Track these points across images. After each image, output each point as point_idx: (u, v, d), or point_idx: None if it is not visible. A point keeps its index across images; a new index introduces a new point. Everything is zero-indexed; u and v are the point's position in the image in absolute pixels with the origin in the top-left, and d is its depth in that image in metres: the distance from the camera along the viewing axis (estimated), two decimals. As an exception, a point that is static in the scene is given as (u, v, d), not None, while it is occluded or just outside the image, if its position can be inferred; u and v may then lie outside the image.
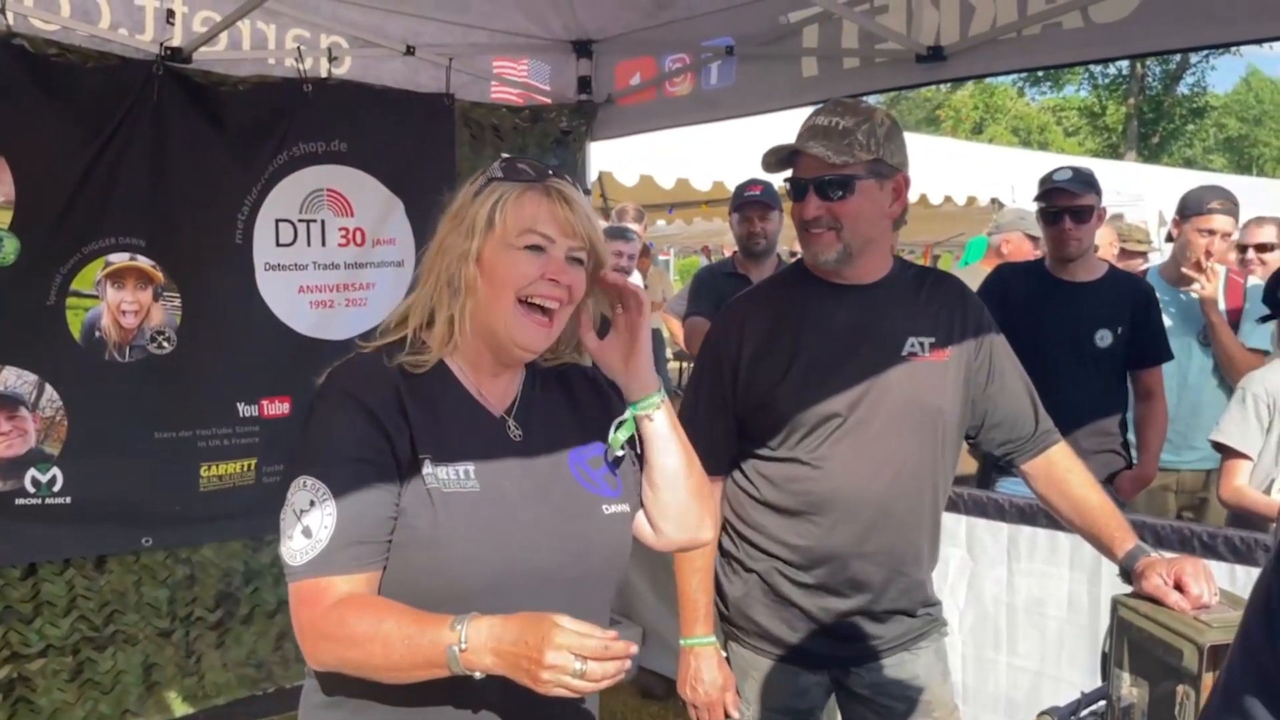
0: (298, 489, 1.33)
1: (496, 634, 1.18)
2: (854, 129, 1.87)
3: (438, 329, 1.44)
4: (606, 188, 7.69)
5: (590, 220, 1.45)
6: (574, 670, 1.13)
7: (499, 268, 1.40)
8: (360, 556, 1.32)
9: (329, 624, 1.28)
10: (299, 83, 3.38)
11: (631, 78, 3.99)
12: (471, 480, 1.39)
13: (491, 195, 1.42)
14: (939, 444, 2.00)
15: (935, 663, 2.09)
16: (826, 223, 1.90)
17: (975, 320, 2.04)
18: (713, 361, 2.04)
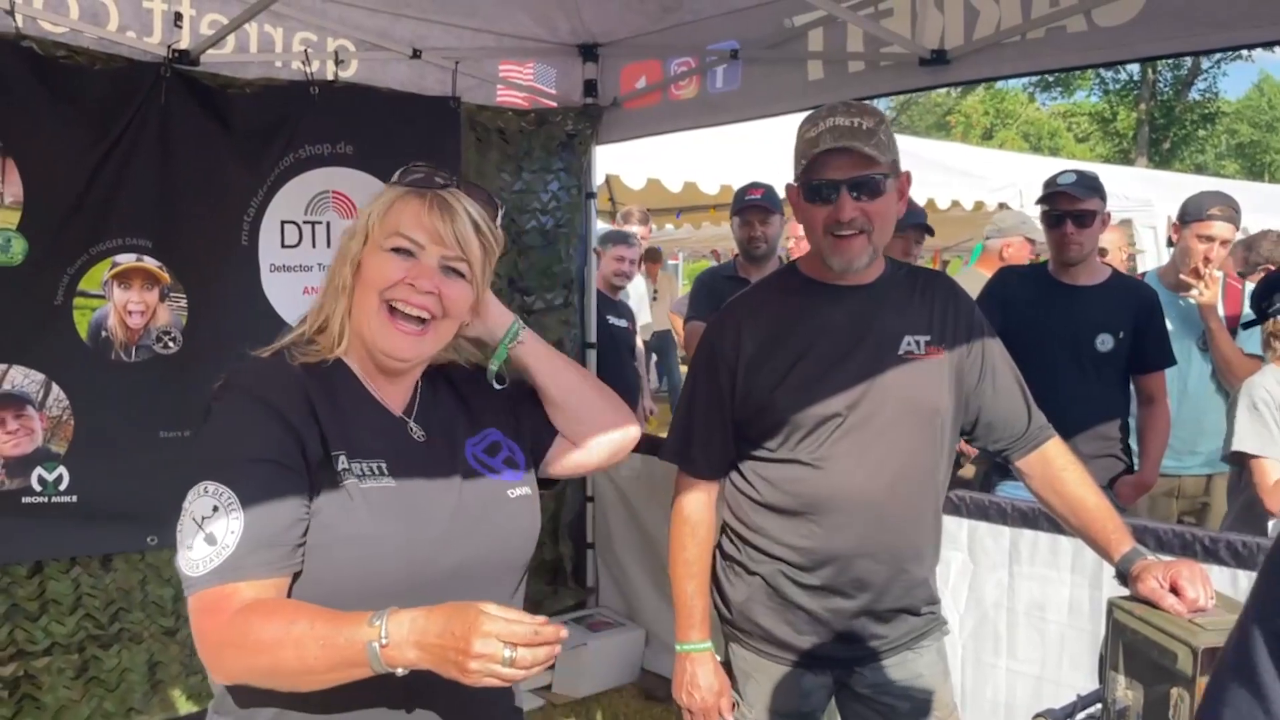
0: (198, 495, 1.26)
1: (420, 627, 1.13)
2: (875, 129, 1.86)
3: (327, 330, 1.42)
4: (614, 191, 7.72)
5: (470, 233, 1.40)
6: (503, 659, 1.09)
7: (367, 269, 1.39)
8: (269, 561, 1.25)
9: (233, 631, 1.20)
10: (305, 85, 3.40)
11: (637, 81, 4.00)
12: (386, 475, 1.36)
13: (379, 200, 1.42)
14: (937, 441, 2.00)
15: (937, 661, 2.09)
16: (860, 225, 1.88)
17: (966, 317, 2.04)
18: (709, 366, 2.03)
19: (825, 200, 1.88)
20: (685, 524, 2.06)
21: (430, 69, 3.76)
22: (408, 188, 1.41)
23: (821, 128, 1.87)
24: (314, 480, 1.31)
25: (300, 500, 1.29)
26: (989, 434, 2.05)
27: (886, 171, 1.88)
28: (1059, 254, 3.48)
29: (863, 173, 1.86)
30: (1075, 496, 1.94)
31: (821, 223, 1.90)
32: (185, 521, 1.26)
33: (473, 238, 1.41)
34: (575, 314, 4.36)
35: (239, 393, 1.34)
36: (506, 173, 4.05)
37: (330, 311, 1.42)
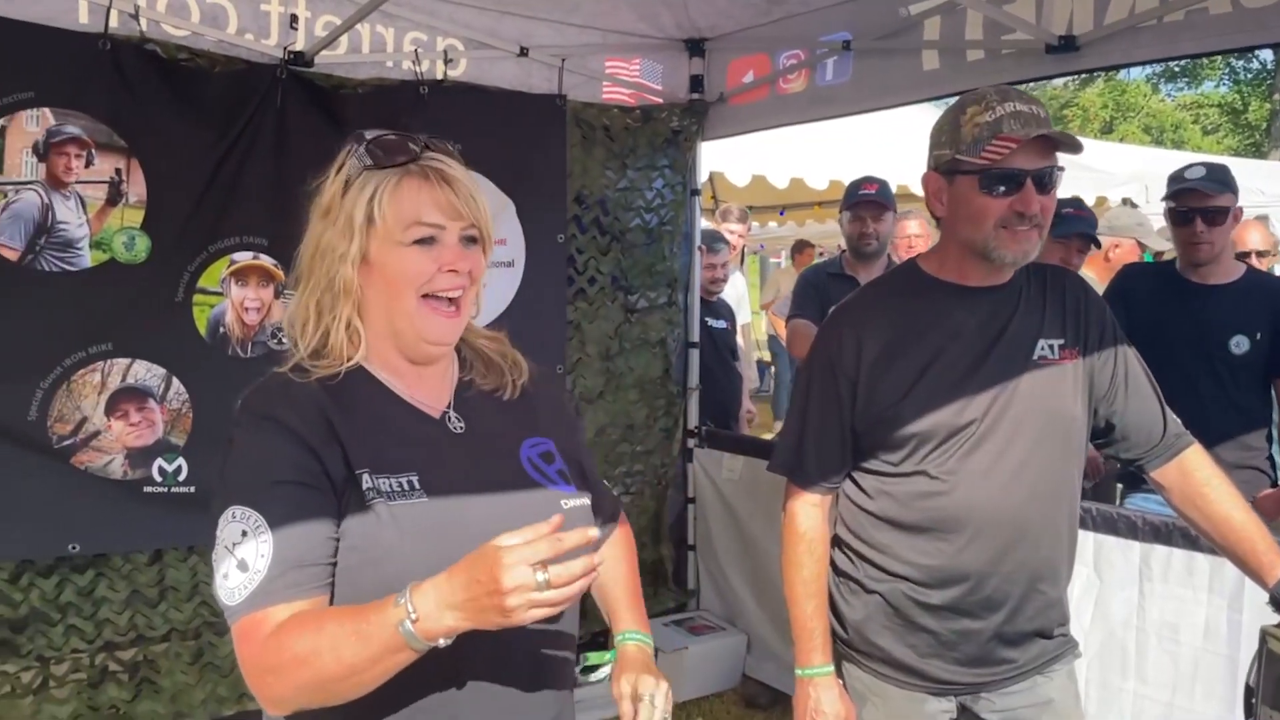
0: (227, 522, 1.23)
1: (444, 589, 1.10)
2: (1049, 118, 1.76)
3: (335, 335, 1.34)
4: (717, 188, 7.63)
5: (475, 196, 1.34)
6: (537, 583, 1.05)
7: (391, 267, 1.31)
8: (300, 582, 1.22)
9: (269, 653, 1.18)
10: (415, 85, 3.44)
11: (744, 75, 3.93)
12: (417, 490, 1.29)
13: (365, 189, 1.32)
14: (1071, 452, 1.87)
15: (1068, 685, 1.96)
16: (1038, 220, 1.76)
17: (1099, 319, 1.90)
18: (825, 373, 1.92)
19: (1003, 192, 1.75)
20: (801, 540, 1.96)
21: (537, 67, 3.76)
22: (395, 167, 1.32)
23: (1001, 112, 1.74)
24: (340, 501, 1.27)
25: (328, 519, 1.26)
26: (1123, 443, 1.91)
27: (1061, 164, 1.76)
28: (1188, 254, 3.25)
29: (1048, 164, 1.74)
30: (1220, 512, 1.79)
31: (997, 214, 1.76)
32: (218, 549, 1.23)
33: (479, 200, 1.35)
34: (679, 313, 4.31)
35: (254, 416, 1.30)
36: (611, 170, 4.03)
37: (331, 319, 1.34)
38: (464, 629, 1.11)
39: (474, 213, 1.34)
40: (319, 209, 1.36)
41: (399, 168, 1.32)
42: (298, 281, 1.38)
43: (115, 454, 3.02)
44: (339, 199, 1.34)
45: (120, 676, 3.14)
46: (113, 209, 2.97)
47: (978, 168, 1.75)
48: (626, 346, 4.17)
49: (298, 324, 1.37)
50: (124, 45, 2.92)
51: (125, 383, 3.03)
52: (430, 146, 1.35)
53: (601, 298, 4.07)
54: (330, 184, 1.36)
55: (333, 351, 1.34)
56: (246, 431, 1.29)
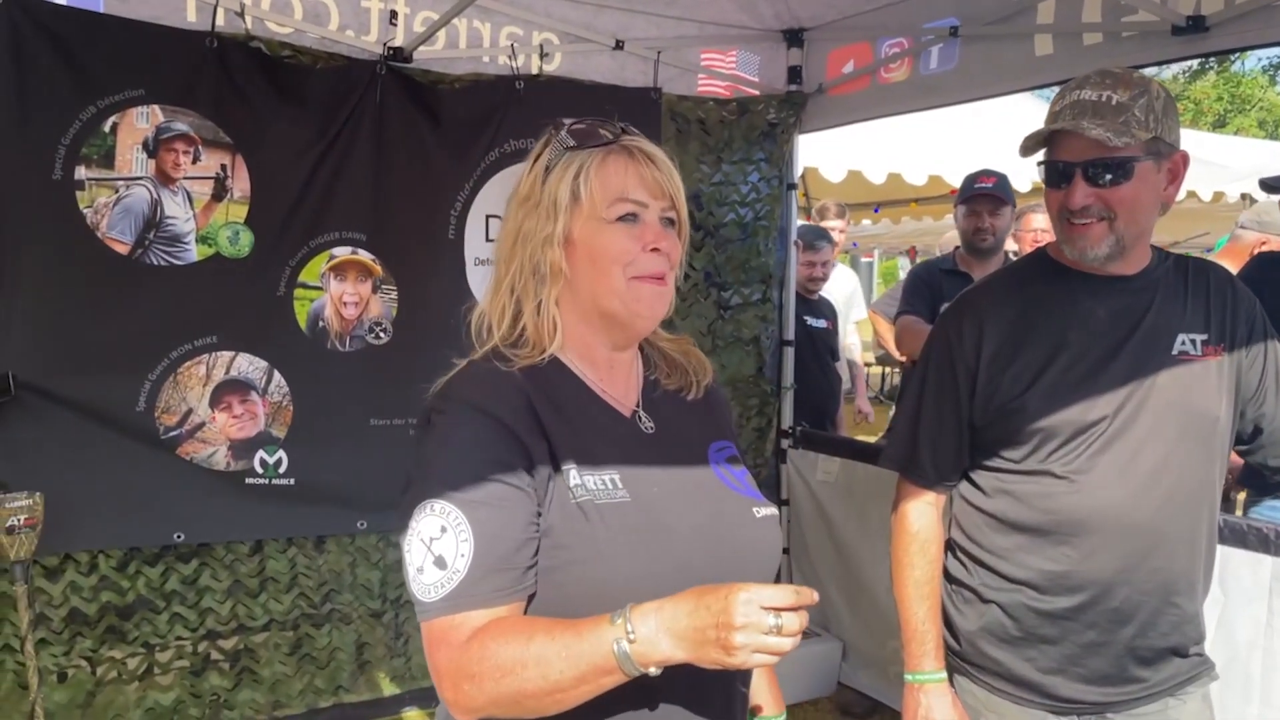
0: (425, 514, 1.18)
1: (668, 614, 1.05)
2: (1130, 104, 1.64)
3: (535, 323, 1.31)
4: (810, 185, 7.49)
5: (674, 176, 1.32)
6: (769, 626, 1.01)
7: (597, 246, 1.29)
8: (502, 586, 1.17)
9: (469, 660, 1.13)
10: (511, 80, 3.43)
11: (845, 65, 3.82)
12: (620, 490, 1.24)
13: (569, 168, 1.29)
14: (1213, 455, 1.74)
15: (1203, 710, 1.82)
16: (1097, 212, 1.68)
17: (1248, 314, 1.77)
18: (943, 363, 1.83)
19: (1063, 183, 1.69)
20: (913, 540, 1.87)
21: (632, 60, 3.72)
22: (601, 147, 1.30)
23: (1065, 101, 1.68)
24: (544, 497, 1.22)
25: (531, 520, 1.21)
26: (1272, 448, 1.77)
27: (1136, 154, 1.64)
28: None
29: (1099, 155, 1.64)
30: None
31: (1056, 207, 1.72)
32: (413, 542, 1.19)
33: (678, 182, 1.33)
34: (774, 310, 4.22)
35: (461, 405, 1.24)
36: (706, 164, 3.96)
37: (531, 305, 1.31)
38: (679, 659, 1.06)
39: (674, 192, 1.33)
40: (517, 197, 1.35)
41: (602, 147, 1.30)
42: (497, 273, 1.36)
43: (219, 445, 3.08)
44: (539, 184, 1.32)
45: (222, 665, 3.21)
46: (218, 204, 3.03)
47: (1043, 160, 1.71)
48: (719, 344, 4.10)
49: (495, 313, 1.34)
50: (230, 43, 2.97)
51: (229, 375, 3.09)
52: (627, 130, 1.34)
53: (694, 294, 4.01)
54: (529, 173, 1.35)
55: (531, 340, 1.31)
56: (452, 420, 1.24)
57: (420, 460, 1.24)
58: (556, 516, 1.21)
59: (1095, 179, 1.66)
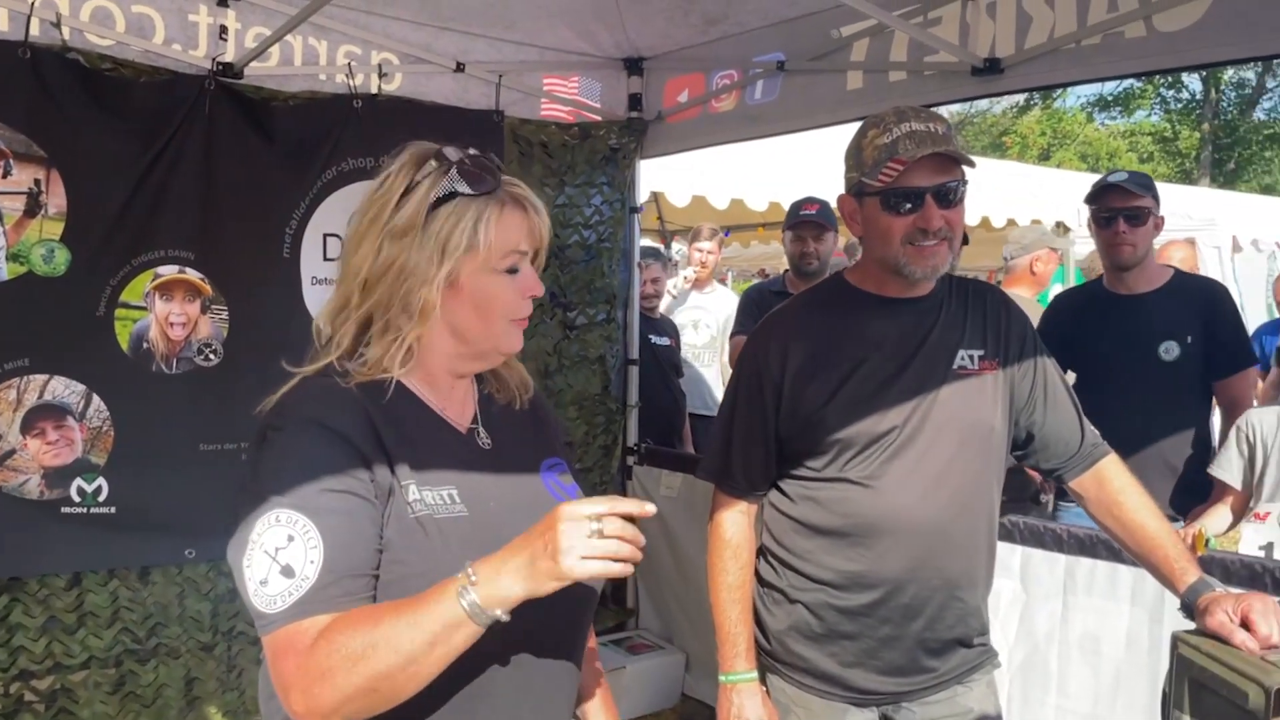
0: (269, 525, 1.18)
1: (504, 553, 1.12)
2: (950, 134, 1.80)
3: (393, 351, 1.32)
4: (663, 209, 7.66)
5: (545, 221, 1.39)
6: (591, 529, 1.08)
7: (486, 295, 1.33)
8: (351, 592, 1.18)
9: (318, 658, 1.12)
10: (349, 98, 3.41)
11: (680, 94, 3.96)
12: (459, 504, 1.28)
13: (465, 214, 1.30)
14: (992, 460, 1.90)
15: (988, 695, 1.98)
16: (944, 233, 1.81)
17: (1020, 330, 1.95)
18: (752, 380, 1.95)
19: (908, 209, 1.79)
20: (726, 546, 1.98)
21: (474, 82, 3.75)
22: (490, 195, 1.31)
23: (897, 133, 1.78)
24: (383, 511, 1.24)
25: (375, 531, 1.23)
26: (1042, 453, 1.95)
27: (963, 178, 1.81)
28: (1112, 257, 3.29)
29: (949, 179, 1.78)
30: (1134, 521, 1.83)
31: (901, 232, 1.81)
32: (255, 554, 1.18)
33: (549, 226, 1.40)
34: (618, 330, 4.30)
35: (300, 420, 1.25)
36: (549, 186, 4.02)
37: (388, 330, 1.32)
38: (521, 593, 1.11)
39: (544, 238, 1.39)
40: (395, 227, 1.30)
41: (493, 195, 1.32)
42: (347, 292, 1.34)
43: (31, 474, 2.93)
44: (422, 218, 1.30)
45: (36, 707, 3.02)
46: (31, 220, 2.89)
47: (879, 189, 1.79)
48: (566, 363, 4.15)
49: (342, 334, 1.33)
50: (45, 54, 2.85)
51: (42, 399, 2.94)
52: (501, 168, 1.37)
53: (540, 314, 4.05)
54: (403, 200, 1.31)
55: (373, 363, 1.32)
56: (291, 435, 1.24)
57: (259, 475, 1.23)
58: (395, 531, 1.24)
59: (943, 202, 1.79)
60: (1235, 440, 3.01)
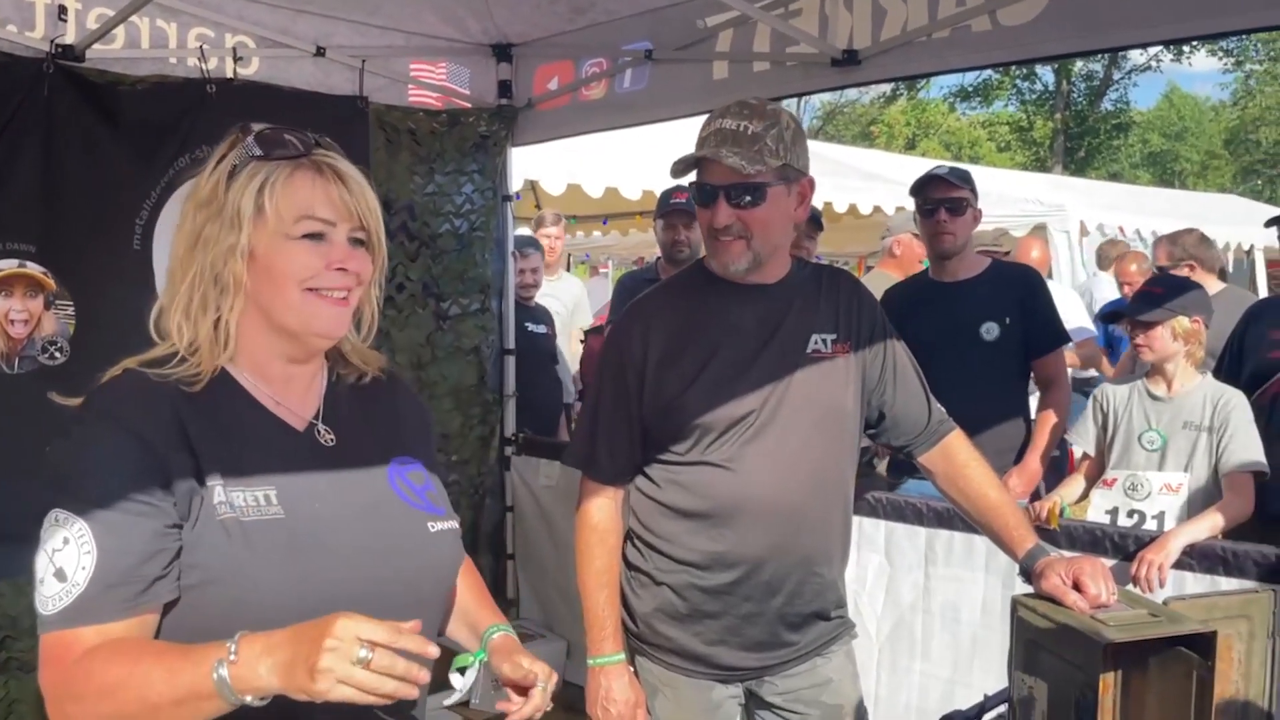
0: (50, 525, 1.14)
1: (275, 640, 1.04)
2: (763, 134, 1.83)
3: (205, 334, 1.26)
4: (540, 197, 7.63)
5: (366, 197, 1.31)
6: (358, 657, 0.98)
7: (278, 262, 1.25)
8: (123, 600, 1.13)
9: (75, 680, 1.09)
10: (202, 83, 3.27)
11: (550, 82, 3.94)
12: (274, 505, 1.22)
13: (254, 178, 1.25)
14: (845, 440, 1.98)
15: (846, 665, 2.07)
16: (737, 230, 1.86)
17: (870, 314, 2.03)
18: (616, 366, 1.98)
19: (708, 203, 1.86)
20: (593, 532, 2.00)
21: (336, 68, 3.65)
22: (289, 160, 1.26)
23: (710, 129, 1.85)
24: (185, 514, 1.18)
25: (160, 534, 1.17)
26: (893, 430, 2.04)
27: (768, 179, 1.84)
28: (934, 246, 3.46)
29: (741, 179, 1.82)
30: (977, 491, 1.94)
31: (705, 225, 1.89)
32: (39, 552, 1.15)
33: (371, 202, 1.31)
34: (493, 320, 4.26)
35: (100, 417, 1.21)
36: (418, 175, 3.95)
37: (204, 311, 1.26)
38: (275, 689, 1.04)
39: (365, 214, 1.30)
40: (196, 199, 1.28)
41: (290, 160, 1.26)
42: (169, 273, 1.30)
43: None
44: (222, 189, 1.26)
45: None
46: None
47: (693, 181, 1.88)
48: (439, 354, 4.09)
49: (172, 324, 1.28)
50: None
51: None
52: (320, 144, 1.30)
53: (411, 305, 3.98)
54: (210, 173, 1.29)
55: (198, 352, 1.26)
56: (87, 429, 1.20)
57: (52, 469, 1.20)
58: (199, 534, 1.18)
59: (735, 201, 1.84)
60: (1091, 410, 3.18)
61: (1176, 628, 1.47)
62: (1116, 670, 1.50)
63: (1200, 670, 1.42)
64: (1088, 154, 34.52)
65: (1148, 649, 1.47)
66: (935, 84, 35.74)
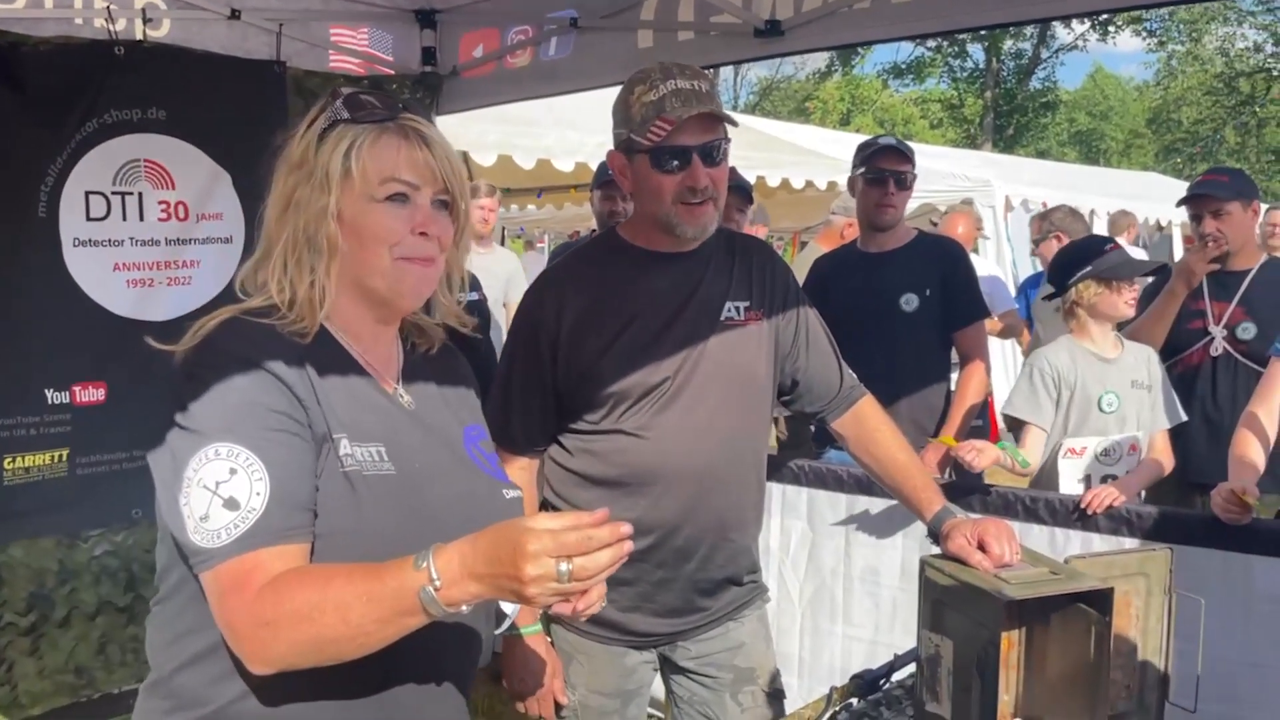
0: (206, 460, 1.15)
1: (468, 560, 1.07)
2: (714, 91, 1.83)
3: (304, 293, 1.28)
4: (471, 168, 7.52)
5: (451, 161, 1.33)
6: (560, 574, 1.03)
7: (364, 224, 1.28)
8: (300, 524, 1.17)
9: (265, 606, 1.10)
10: (109, 44, 3.15)
11: (475, 49, 3.88)
12: (386, 462, 1.26)
13: (342, 140, 1.27)
14: (758, 407, 2.00)
15: (759, 629, 2.09)
16: (710, 192, 1.84)
17: (784, 282, 2.04)
18: (529, 335, 1.97)
19: (676, 168, 1.82)
20: None
21: (254, 31, 3.54)
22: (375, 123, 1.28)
23: (664, 90, 1.80)
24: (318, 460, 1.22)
25: (313, 473, 1.21)
26: (806, 396, 2.06)
27: (729, 136, 1.84)
28: (875, 217, 3.45)
29: (713, 138, 1.81)
30: (887, 455, 1.97)
31: (671, 190, 1.84)
32: (193, 491, 1.15)
33: (456, 166, 1.33)
34: (421, 291, 4.20)
35: (234, 359, 1.22)
36: (340, 143, 3.86)
37: (300, 270, 1.29)
38: (488, 597, 1.09)
39: (450, 177, 1.32)
40: (289, 161, 1.31)
41: (377, 124, 1.29)
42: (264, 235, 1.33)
43: None
44: (312, 152, 1.29)
45: None
46: None
47: (648, 146, 1.82)
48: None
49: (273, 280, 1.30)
50: None
51: None
52: (409, 108, 1.33)
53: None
54: (301, 136, 1.31)
55: (299, 309, 1.28)
56: (223, 371, 1.21)
57: (190, 414, 1.19)
58: (327, 484, 1.21)
59: (709, 160, 1.82)
60: (1040, 382, 3.02)
61: (1075, 584, 1.51)
62: (1020, 627, 1.54)
63: (1098, 626, 1.46)
64: (1016, 132, 35.21)
65: (1049, 606, 1.52)
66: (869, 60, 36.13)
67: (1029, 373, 3.07)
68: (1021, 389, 3.08)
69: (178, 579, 1.26)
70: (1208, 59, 32.66)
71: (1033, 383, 3.03)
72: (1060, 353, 3.05)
